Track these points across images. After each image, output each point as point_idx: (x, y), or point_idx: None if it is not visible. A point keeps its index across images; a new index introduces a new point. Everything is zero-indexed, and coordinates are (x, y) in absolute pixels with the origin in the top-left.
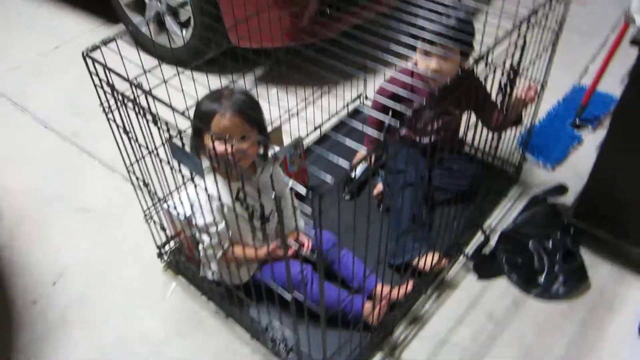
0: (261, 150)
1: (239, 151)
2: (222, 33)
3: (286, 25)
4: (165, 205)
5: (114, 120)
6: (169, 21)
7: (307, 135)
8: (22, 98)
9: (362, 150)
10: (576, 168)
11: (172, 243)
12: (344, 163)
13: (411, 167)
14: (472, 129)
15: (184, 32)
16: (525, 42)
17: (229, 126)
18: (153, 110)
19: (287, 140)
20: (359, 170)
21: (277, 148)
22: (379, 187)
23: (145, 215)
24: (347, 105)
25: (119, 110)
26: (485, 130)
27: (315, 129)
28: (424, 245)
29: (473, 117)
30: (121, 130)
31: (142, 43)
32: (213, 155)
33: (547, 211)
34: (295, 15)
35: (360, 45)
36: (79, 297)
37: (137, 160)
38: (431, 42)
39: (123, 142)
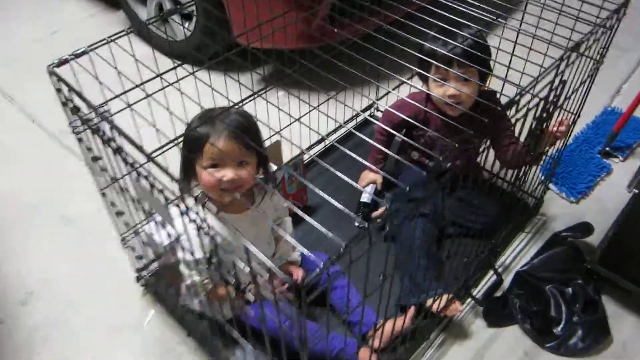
0: (260, 177)
1: (235, 181)
2: (227, 28)
3: (298, 26)
4: (145, 230)
5: (84, 144)
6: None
7: (310, 147)
8: (12, 88)
9: (367, 174)
10: (602, 203)
11: (152, 266)
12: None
13: (424, 196)
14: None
15: (186, 24)
16: (563, 81)
17: (224, 152)
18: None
19: (287, 153)
20: (367, 193)
21: (274, 167)
22: (382, 210)
23: (122, 241)
24: (356, 116)
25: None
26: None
27: (319, 141)
28: (440, 284)
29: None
30: (89, 156)
31: (143, 35)
32: (205, 185)
33: (569, 253)
34: (306, 17)
35: (375, 52)
36: (50, 320)
37: (107, 186)
38: (448, 64)
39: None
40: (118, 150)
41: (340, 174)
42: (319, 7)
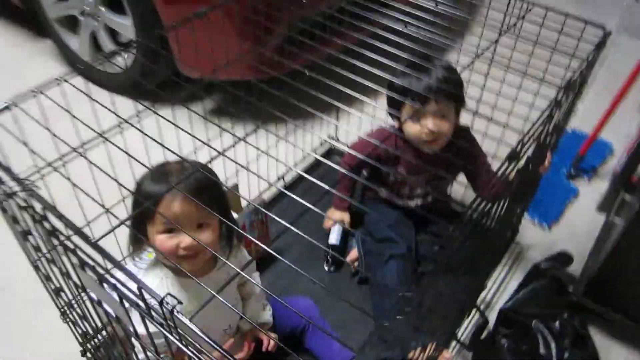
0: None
1: (194, 247)
2: (169, 59)
3: (247, 56)
4: (92, 295)
5: (9, 216)
6: (107, 42)
7: (269, 187)
8: None
9: (333, 212)
10: (574, 227)
11: (101, 335)
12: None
13: (397, 235)
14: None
15: (125, 55)
16: (551, 117)
17: (181, 214)
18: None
19: (244, 196)
20: (335, 233)
21: (234, 214)
22: (354, 254)
23: (62, 315)
24: (315, 151)
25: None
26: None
27: (278, 179)
28: (422, 333)
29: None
30: (17, 230)
31: (76, 66)
32: (160, 251)
33: (552, 286)
34: (256, 45)
35: (331, 79)
36: None
37: (39, 258)
38: (423, 101)
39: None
40: (52, 233)
41: (309, 204)
42: (272, 37)
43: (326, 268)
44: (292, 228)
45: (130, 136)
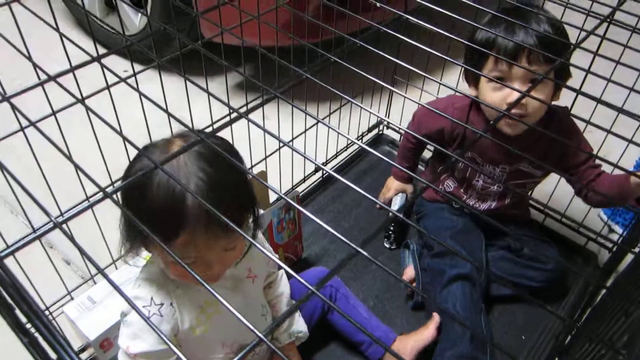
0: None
1: (221, 273)
2: (191, 19)
3: (283, 18)
4: (68, 314)
5: None
6: None
7: (304, 179)
8: None
9: (392, 181)
10: None
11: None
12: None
13: (463, 248)
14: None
15: (139, 16)
16: None
17: (207, 251)
18: None
19: (274, 189)
20: (397, 204)
21: (260, 210)
22: (409, 272)
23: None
24: (362, 136)
25: None
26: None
27: (316, 170)
28: None
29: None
30: None
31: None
32: (179, 274)
33: None
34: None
35: (384, 54)
36: None
37: None
38: (512, 58)
39: None
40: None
41: (360, 190)
42: None
43: (387, 245)
44: (331, 230)
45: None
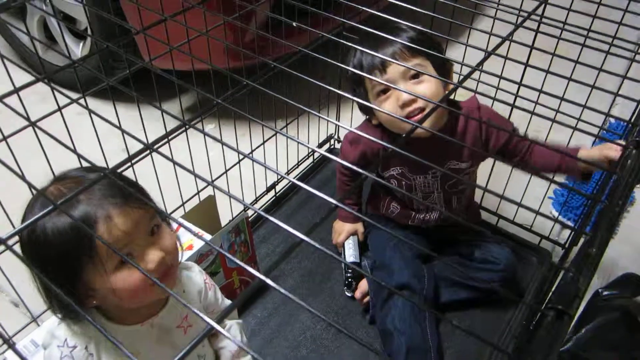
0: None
1: (165, 259)
2: (132, 48)
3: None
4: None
5: None
6: (58, 29)
7: (256, 200)
8: None
9: (341, 225)
10: (631, 239)
11: None
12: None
13: (400, 260)
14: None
15: (80, 45)
16: None
17: (133, 226)
18: None
19: (223, 213)
20: (351, 249)
21: (207, 235)
22: (363, 286)
23: None
24: (312, 153)
25: None
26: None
27: (268, 189)
28: None
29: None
30: None
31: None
32: (126, 295)
33: (621, 321)
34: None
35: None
36: None
37: None
38: (382, 66)
39: None
40: None
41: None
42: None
43: (348, 294)
44: (281, 225)
45: None
